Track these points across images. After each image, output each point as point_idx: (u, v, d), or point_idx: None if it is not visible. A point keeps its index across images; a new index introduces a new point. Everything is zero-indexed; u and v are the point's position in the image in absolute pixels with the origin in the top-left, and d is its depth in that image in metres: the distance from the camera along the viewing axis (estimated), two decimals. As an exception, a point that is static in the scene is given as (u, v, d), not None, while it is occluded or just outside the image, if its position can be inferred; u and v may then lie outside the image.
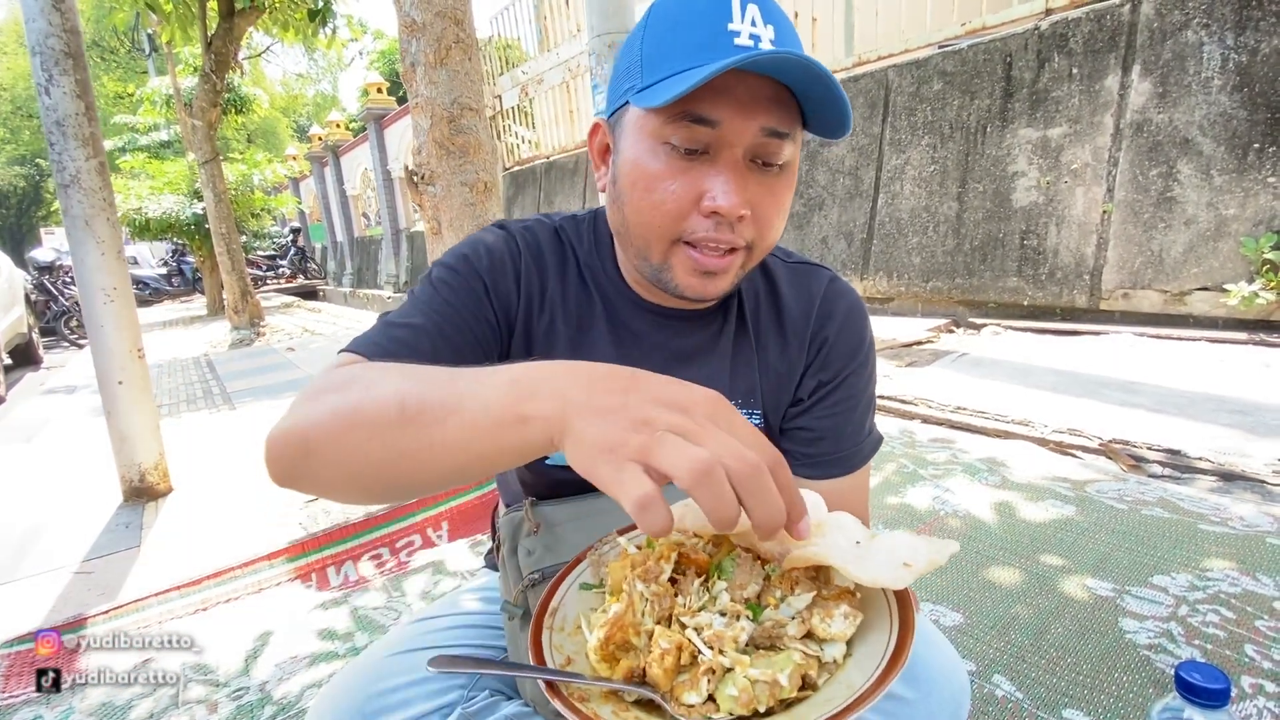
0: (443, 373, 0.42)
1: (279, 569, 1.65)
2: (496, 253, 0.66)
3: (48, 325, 8.16)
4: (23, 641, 1.40)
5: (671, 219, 0.56)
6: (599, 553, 0.53)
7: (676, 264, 0.59)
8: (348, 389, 0.45)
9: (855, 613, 0.43)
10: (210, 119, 6.95)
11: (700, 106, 0.52)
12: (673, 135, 0.54)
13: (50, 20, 2.07)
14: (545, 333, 0.67)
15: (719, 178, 0.54)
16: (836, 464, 0.70)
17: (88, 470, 2.69)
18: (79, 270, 2.12)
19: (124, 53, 22.45)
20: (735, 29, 0.52)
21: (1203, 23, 3.13)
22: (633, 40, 0.57)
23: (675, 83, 0.51)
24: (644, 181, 0.56)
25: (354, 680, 0.63)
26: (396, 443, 0.41)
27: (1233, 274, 3.02)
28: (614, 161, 0.61)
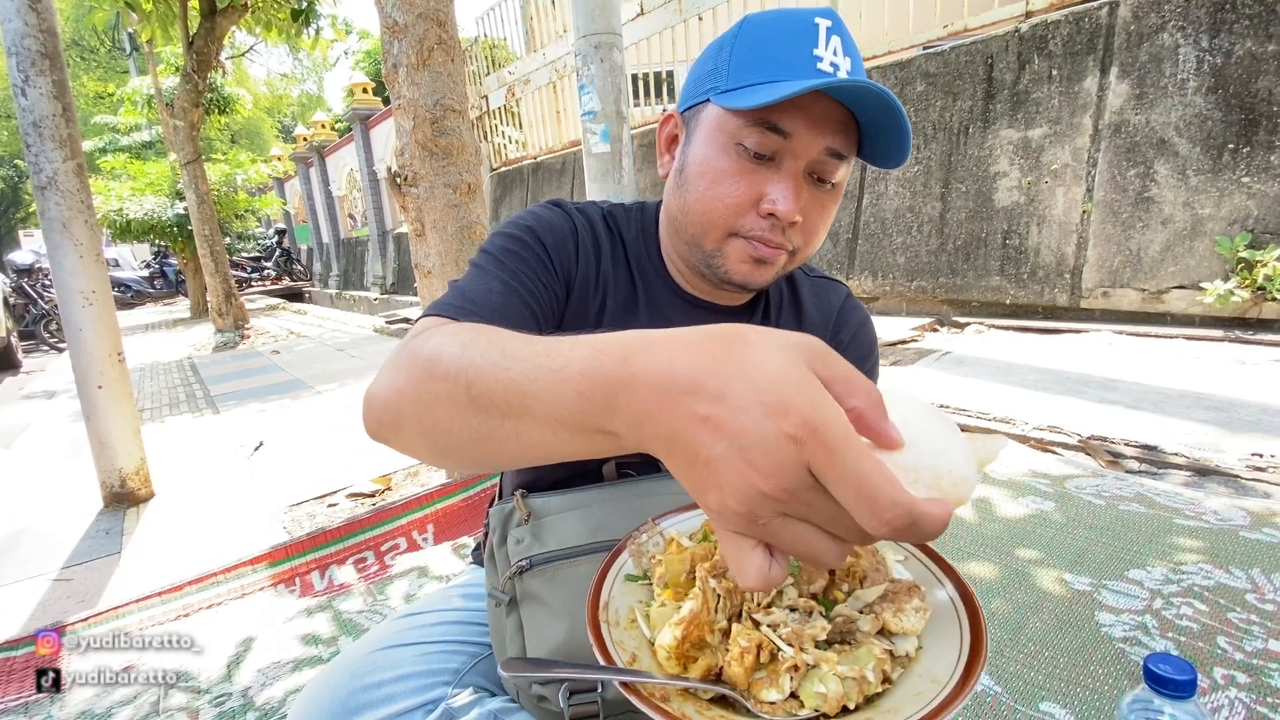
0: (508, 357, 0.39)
1: (262, 574, 1.64)
2: (558, 227, 0.70)
3: (27, 329, 8.03)
4: (6, 649, 1.38)
5: (731, 213, 0.62)
6: (638, 543, 0.52)
7: (730, 252, 0.64)
8: (431, 363, 0.44)
9: (925, 606, 0.43)
10: (192, 119, 6.87)
11: (777, 117, 0.57)
12: (747, 138, 0.59)
13: (26, 20, 2.04)
14: (596, 312, 0.70)
15: (780, 184, 0.59)
16: None
17: (67, 476, 2.65)
18: (57, 273, 2.10)
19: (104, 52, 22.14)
20: (819, 54, 0.57)
21: (1179, 25, 3.18)
22: (721, 46, 0.62)
23: (763, 91, 0.56)
24: (712, 174, 0.62)
25: (340, 674, 0.63)
26: (475, 428, 0.40)
27: (1209, 272, 3.07)
28: (683, 151, 0.65)
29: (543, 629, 0.62)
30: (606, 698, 0.61)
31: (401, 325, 6.80)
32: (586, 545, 0.65)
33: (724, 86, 0.60)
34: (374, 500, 2.09)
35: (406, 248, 10.72)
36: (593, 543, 0.65)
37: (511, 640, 0.64)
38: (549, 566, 0.64)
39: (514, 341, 0.41)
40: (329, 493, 2.16)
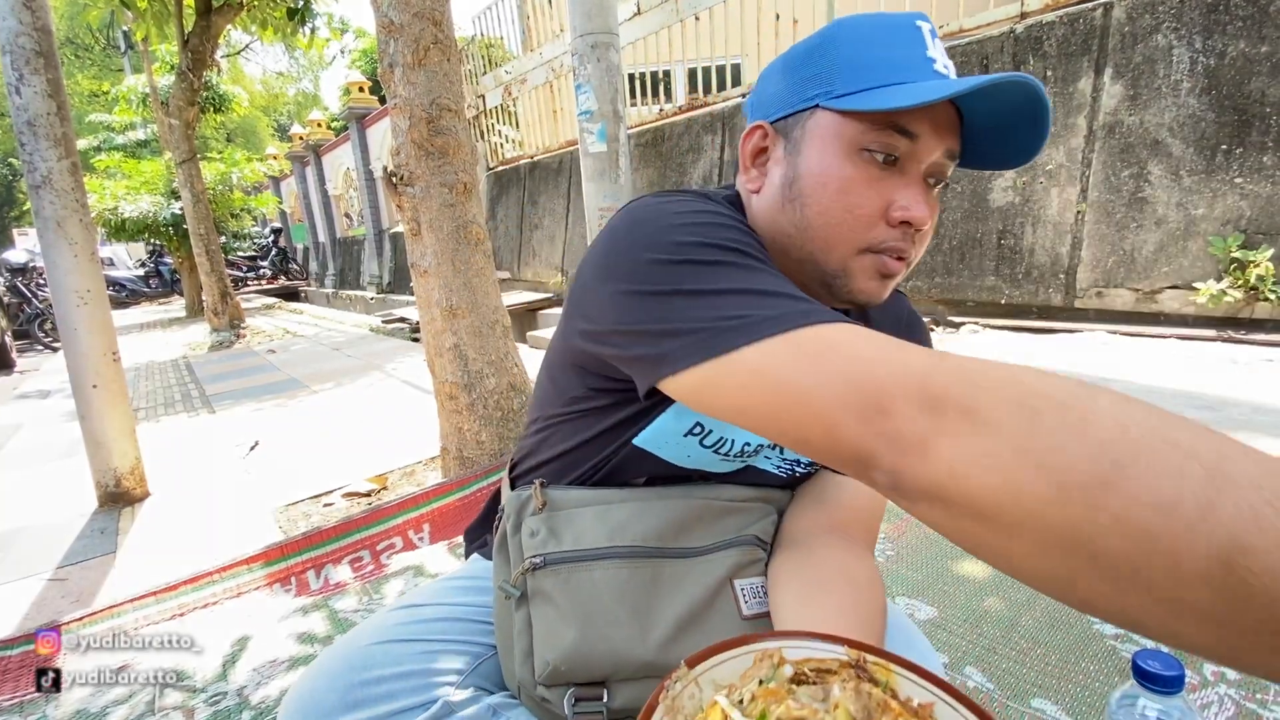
0: None
1: (257, 573, 1.64)
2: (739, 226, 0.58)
3: (21, 328, 8.00)
4: (0, 648, 1.38)
5: (864, 225, 0.57)
6: (672, 695, 0.43)
7: (858, 270, 0.59)
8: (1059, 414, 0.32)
9: None
10: (188, 118, 6.85)
11: (905, 119, 0.55)
12: (872, 143, 0.55)
13: (20, 19, 2.04)
14: None
15: (909, 189, 0.57)
16: None
17: (62, 476, 2.65)
18: (51, 273, 2.09)
19: (99, 50, 22.04)
20: (932, 56, 0.56)
21: (1172, 27, 3.20)
22: (815, 51, 0.59)
23: (897, 93, 0.53)
24: (836, 183, 0.57)
25: (338, 666, 0.62)
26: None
27: (1202, 272, 3.09)
28: (789, 163, 0.60)
29: (552, 630, 0.61)
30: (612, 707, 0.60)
31: (398, 325, 6.78)
32: (603, 549, 0.64)
33: (838, 90, 0.57)
34: (370, 500, 2.09)
35: (403, 247, 10.71)
36: (610, 546, 0.64)
37: (520, 636, 0.64)
38: (563, 567, 0.63)
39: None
40: (324, 492, 2.16)
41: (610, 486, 0.70)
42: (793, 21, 4.99)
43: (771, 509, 0.74)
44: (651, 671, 0.60)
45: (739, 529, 0.70)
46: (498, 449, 2.04)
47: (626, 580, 0.63)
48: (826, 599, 0.58)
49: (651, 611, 0.62)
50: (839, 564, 0.63)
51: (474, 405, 1.99)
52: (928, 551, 1.52)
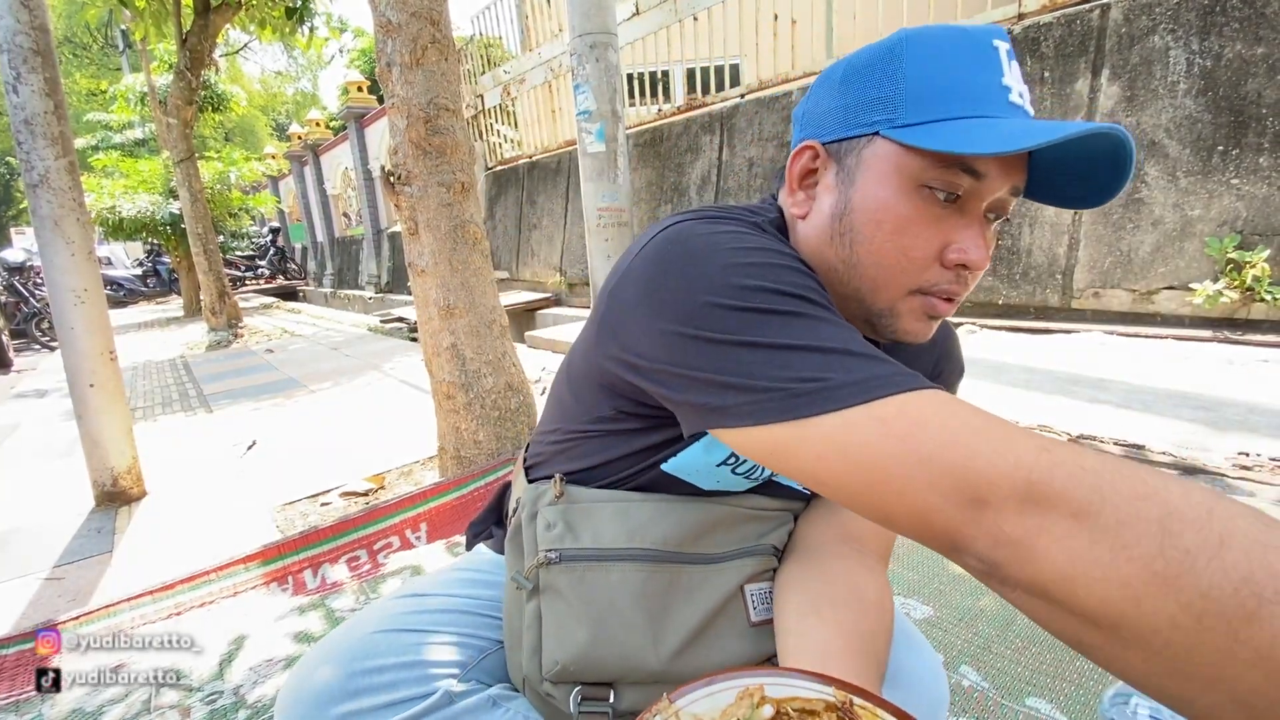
0: None
1: (254, 572, 1.64)
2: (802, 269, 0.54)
3: (18, 327, 7.98)
4: None
5: (918, 267, 0.55)
6: None
7: (905, 311, 0.57)
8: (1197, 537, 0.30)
9: None
10: (186, 117, 6.85)
11: (975, 159, 0.50)
12: (935, 179, 0.51)
13: (18, 17, 2.03)
14: None
15: (969, 230, 0.53)
16: None
17: (59, 475, 2.64)
18: (48, 272, 2.09)
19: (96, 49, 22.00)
20: (1008, 84, 0.51)
21: (1169, 28, 3.21)
22: (879, 68, 0.53)
23: (973, 132, 0.49)
24: (892, 222, 0.54)
25: (340, 653, 0.62)
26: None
27: (1198, 273, 3.10)
28: (841, 191, 0.56)
29: (563, 627, 0.61)
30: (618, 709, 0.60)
31: (396, 324, 6.78)
32: (621, 550, 0.63)
33: (902, 120, 0.52)
34: (367, 499, 2.09)
35: (401, 247, 10.70)
36: (628, 549, 0.63)
37: (529, 630, 0.63)
38: (579, 565, 0.62)
39: None
40: (322, 491, 2.16)
41: None
42: (791, 22, 4.99)
43: (790, 517, 0.73)
44: (661, 679, 0.60)
45: (757, 536, 0.69)
46: (495, 448, 2.04)
47: (643, 584, 0.62)
48: (830, 615, 0.57)
49: (666, 618, 0.62)
50: (848, 579, 0.61)
51: (471, 405, 1.99)
52: (924, 551, 1.52)
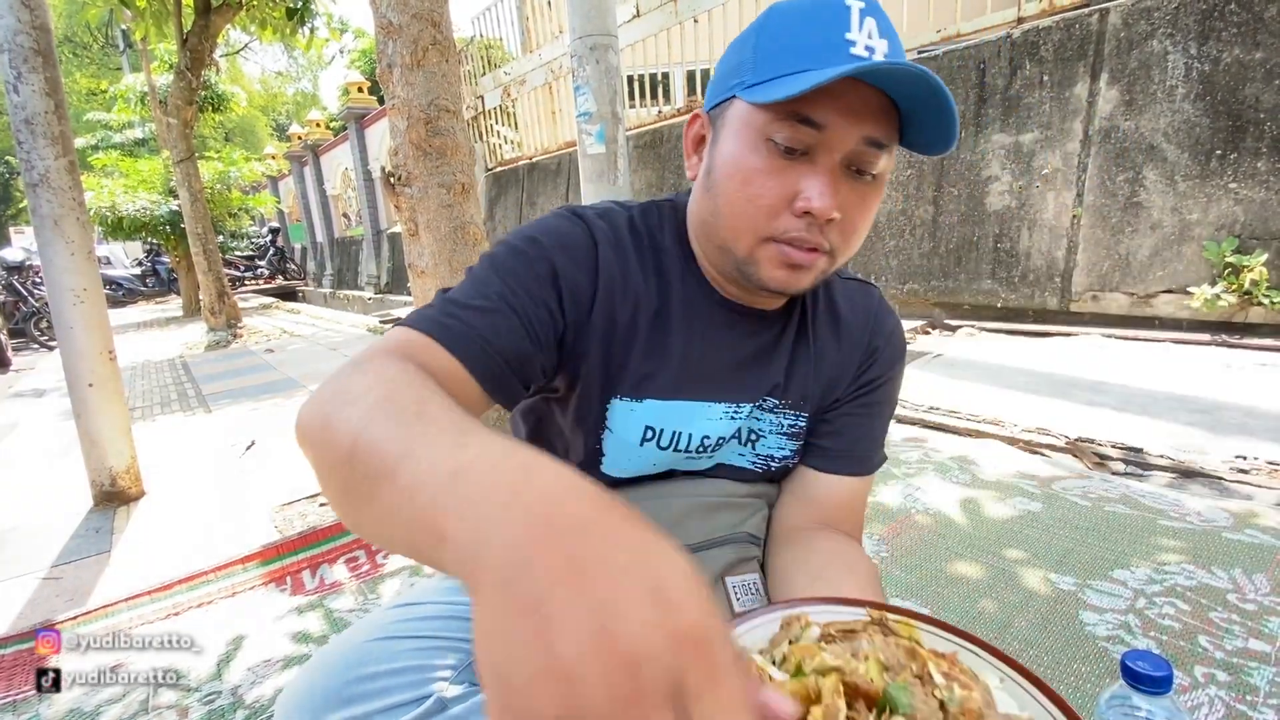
0: (412, 428, 0.37)
1: (253, 573, 1.64)
2: (571, 241, 0.64)
3: (17, 327, 7.97)
4: None
5: (765, 215, 0.57)
6: None
7: (763, 258, 0.59)
8: (347, 402, 0.43)
9: None
10: (186, 117, 6.84)
11: (808, 108, 0.53)
12: (777, 133, 0.55)
13: (19, 17, 2.03)
14: (628, 323, 0.66)
15: (815, 179, 0.55)
16: (851, 462, 0.73)
17: (57, 475, 2.64)
18: (48, 271, 2.09)
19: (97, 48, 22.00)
20: (852, 38, 0.53)
21: (1167, 33, 3.22)
22: (745, 39, 0.58)
23: (790, 82, 0.52)
24: (741, 175, 0.57)
25: (333, 663, 0.62)
26: (344, 480, 0.39)
27: (1196, 277, 3.11)
28: (711, 153, 0.61)
29: None
30: None
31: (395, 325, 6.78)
32: None
33: (750, 80, 0.56)
34: (366, 499, 2.09)
35: (401, 247, 10.70)
36: None
37: None
38: None
39: (426, 420, 0.38)
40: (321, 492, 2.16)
41: None
42: (791, 25, 5.00)
43: (763, 504, 0.75)
44: None
45: (732, 526, 0.71)
46: (494, 449, 2.03)
47: None
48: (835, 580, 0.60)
49: None
50: (837, 554, 0.65)
51: (471, 406, 1.98)
52: (922, 553, 1.52)
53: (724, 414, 0.68)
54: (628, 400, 0.66)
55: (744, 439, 0.71)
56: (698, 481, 0.73)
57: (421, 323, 0.56)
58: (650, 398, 0.66)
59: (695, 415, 0.67)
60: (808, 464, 0.74)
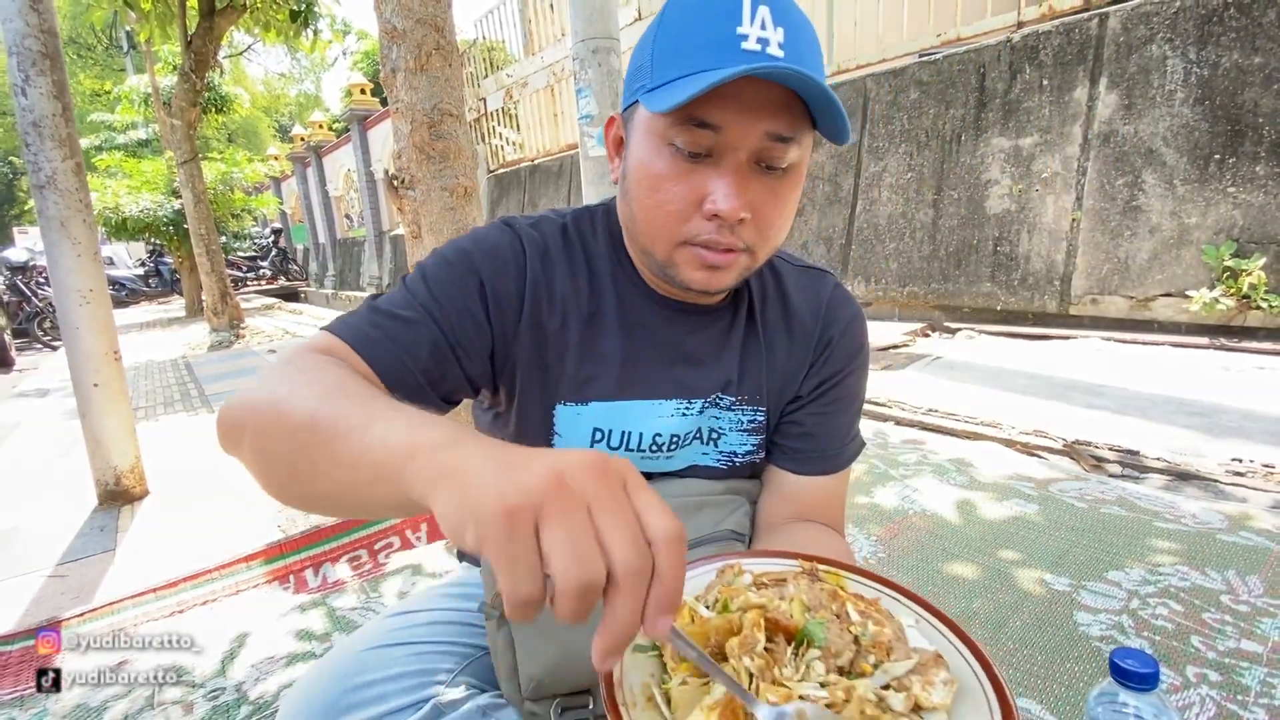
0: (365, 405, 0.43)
1: (256, 571, 1.65)
2: (500, 252, 0.66)
3: (20, 326, 8.00)
4: (3, 643, 1.40)
5: (675, 220, 0.57)
6: None
7: (681, 261, 0.60)
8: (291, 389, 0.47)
9: (953, 679, 0.42)
10: (189, 118, 6.88)
11: (703, 111, 0.52)
12: (677, 138, 0.54)
13: (28, 20, 2.06)
14: (557, 330, 0.67)
15: (720, 181, 0.55)
16: (821, 461, 0.73)
17: (62, 474, 2.66)
18: (54, 272, 2.11)
19: (101, 50, 22.08)
20: (744, 32, 0.52)
21: (1166, 37, 3.24)
22: (646, 38, 0.57)
23: (679, 87, 0.52)
24: (649, 181, 0.58)
25: (330, 672, 0.63)
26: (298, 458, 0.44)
27: (1195, 281, 3.12)
28: (625, 157, 0.62)
29: (534, 648, 0.62)
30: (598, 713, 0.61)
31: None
32: None
33: (649, 84, 0.55)
34: (368, 499, 2.11)
35: (403, 249, 10.73)
36: None
37: (503, 654, 0.65)
38: None
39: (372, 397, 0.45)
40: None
41: None
42: (792, 28, 5.02)
43: (743, 501, 0.75)
44: None
45: (715, 523, 0.71)
46: (495, 450, 2.05)
47: None
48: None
49: None
50: (813, 539, 0.67)
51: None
52: (918, 554, 1.54)
53: (675, 411, 0.69)
54: (572, 405, 0.67)
55: (705, 438, 0.72)
56: (673, 483, 0.73)
57: (344, 330, 0.59)
58: (595, 400, 0.67)
59: (644, 414, 0.68)
60: (783, 466, 0.75)
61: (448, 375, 0.62)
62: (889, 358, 3.38)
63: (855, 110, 4.61)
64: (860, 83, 4.60)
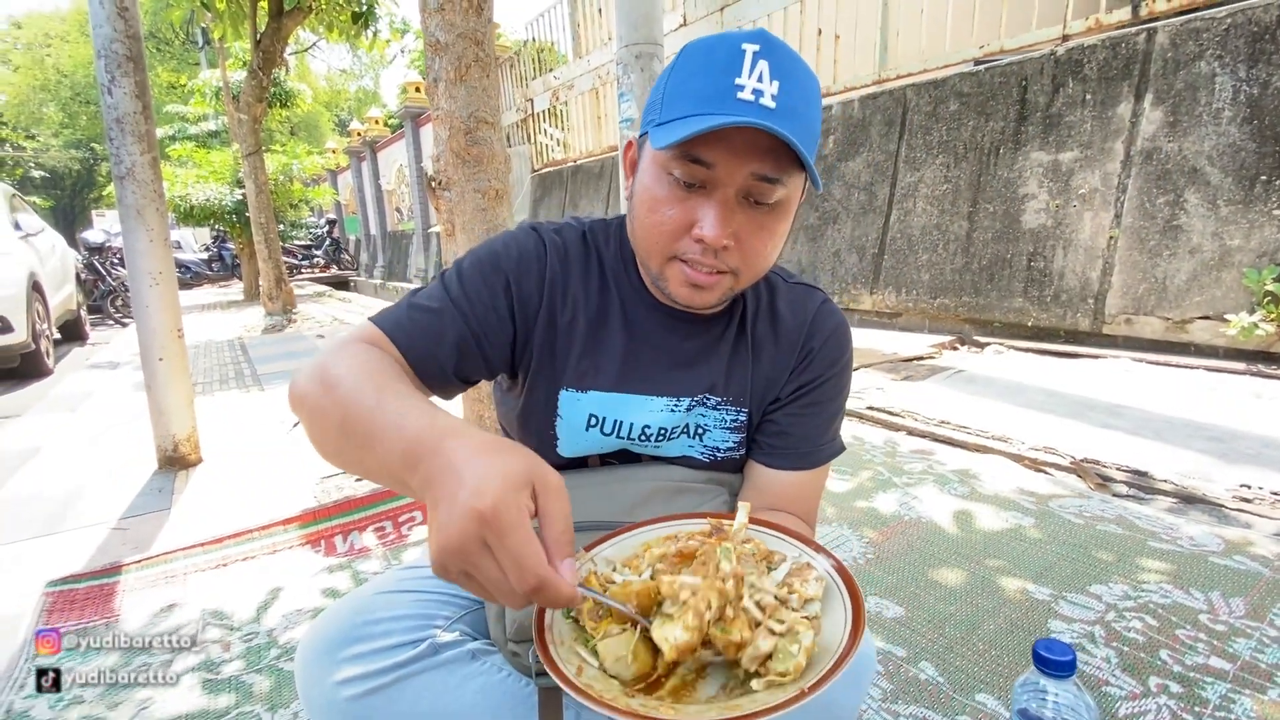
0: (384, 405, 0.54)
1: (292, 534, 1.81)
2: (525, 254, 0.76)
3: (95, 304, 8.53)
4: (67, 582, 1.59)
5: (668, 238, 0.66)
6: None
7: (671, 276, 0.69)
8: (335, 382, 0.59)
9: (822, 578, 0.56)
10: (256, 113, 7.27)
11: (698, 149, 0.60)
12: (675, 169, 0.63)
13: (115, 26, 2.27)
14: (567, 326, 0.76)
15: (709, 211, 0.63)
16: (794, 458, 0.81)
17: (126, 439, 2.91)
18: (129, 255, 2.33)
19: (178, 44, 23.33)
20: (740, 83, 0.59)
21: (1216, 54, 3.16)
22: (662, 77, 0.66)
23: (678, 127, 0.60)
24: (649, 203, 0.66)
25: (344, 610, 0.74)
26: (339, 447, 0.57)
27: (1234, 304, 3.04)
28: (635, 178, 0.71)
29: None
30: None
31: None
32: None
33: (658, 119, 0.64)
34: (396, 477, 2.27)
35: (448, 242, 11.06)
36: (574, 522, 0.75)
37: (494, 604, 0.75)
38: None
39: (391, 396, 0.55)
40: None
41: (568, 468, 0.81)
42: (835, 37, 5.04)
43: (723, 490, 0.84)
44: None
45: (694, 507, 0.80)
46: (515, 437, 2.18)
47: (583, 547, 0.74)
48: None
49: None
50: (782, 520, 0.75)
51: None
52: (906, 558, 1.59)
53: (665, 407, 0.78)
54: (573, 391, 0.77)
55: (692, 433, 0.81)
56: (660, 467, 0.83)
57: (385, 322, 0.71)
58: (593, 390, 0.77)
59: (636, 407, 0.77)
60: (758, 460, 0.83)
61: (467, 362, 0.73)
62: (910, 369, 3.38)
63: (894, 120, 4.60)
64: (900, 92, 4.58)
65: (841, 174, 4.93)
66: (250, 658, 1.29)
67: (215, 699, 1.17)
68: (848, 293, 4.82)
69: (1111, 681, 1.14)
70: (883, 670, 1.20)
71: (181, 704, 1.16)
